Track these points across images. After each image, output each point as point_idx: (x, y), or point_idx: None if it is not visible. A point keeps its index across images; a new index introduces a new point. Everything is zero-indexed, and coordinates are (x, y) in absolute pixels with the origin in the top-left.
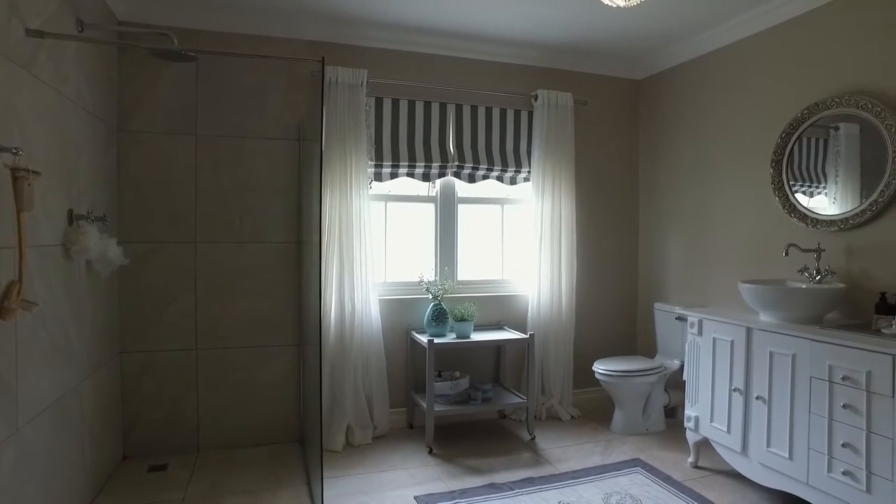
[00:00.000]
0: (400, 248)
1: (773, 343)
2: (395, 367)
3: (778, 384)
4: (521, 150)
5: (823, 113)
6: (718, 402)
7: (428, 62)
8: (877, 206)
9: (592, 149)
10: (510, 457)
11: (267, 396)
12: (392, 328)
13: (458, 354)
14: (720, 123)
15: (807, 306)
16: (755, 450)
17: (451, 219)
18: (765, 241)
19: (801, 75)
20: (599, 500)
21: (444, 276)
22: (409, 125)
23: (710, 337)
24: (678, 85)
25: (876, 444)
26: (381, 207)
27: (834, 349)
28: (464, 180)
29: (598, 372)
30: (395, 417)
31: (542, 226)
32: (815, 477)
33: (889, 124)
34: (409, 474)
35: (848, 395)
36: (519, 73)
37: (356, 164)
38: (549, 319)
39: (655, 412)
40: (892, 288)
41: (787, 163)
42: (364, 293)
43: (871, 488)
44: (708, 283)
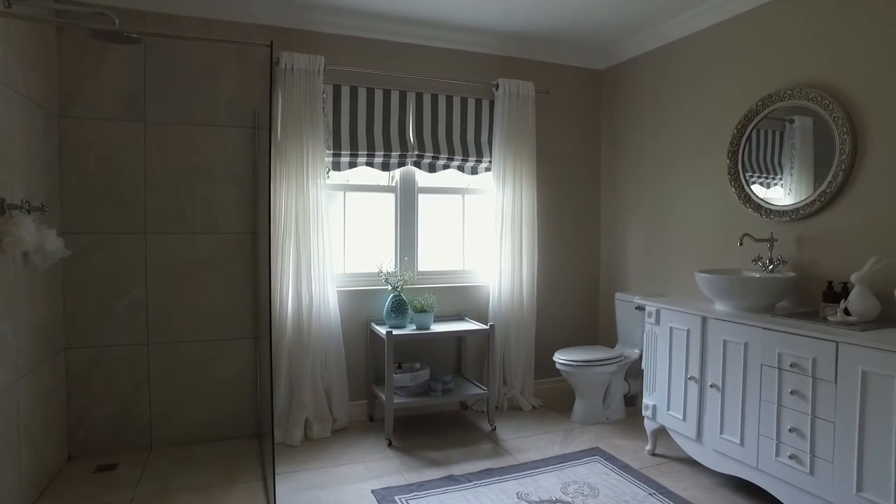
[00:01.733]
0: (359, 239)
1: (727, 332)
2: (355, 359)
3: (731, 372)
4: (482, 140)
5: (777, 105)
6: (675, 390)
7: (387, 49)
8: (825, 197)
9: (554, 139)
10: (470, 448)
11: (223, 391)
12: (351, 320)
13: (419, 346)
14: (680, 114)
15: (759, 295)
16: (709, 437)
17: (411, 209)
18: (721, 231)
19: (757, 67)
20: (558, 489)
21: (403, 266)
22: (368, 113)
23: (667, 326)
24: (639, 75)
25: (819, 428)
26: (339, 197)
27: (783, 337)
28: (424, 170)
29: (559, 362)
30: (355, 410)
31: (503, 216)
32: (764, 461)
33: (837, 117)
34: (368, 468)
35: (795, 381)
36: (480, 62)
37: (313, 153)
38: (511, 310)
39: (615, 401)
40: (838, 276)
41: (743, 154)
42: (322, 284)
43: (814, 470)
44: (667, 272)
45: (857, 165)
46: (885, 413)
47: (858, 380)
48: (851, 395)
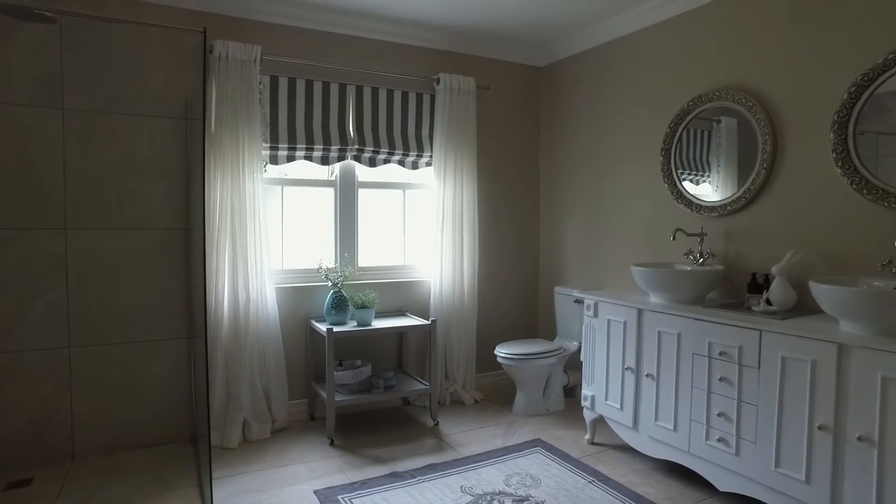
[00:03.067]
0: (298, 235)
1: (662, 323)
2: (295, 357)
3: (665, 362)
4: (423, 135)
5: (706, 105)
6: (612, 380)
7: (327, 41)
8: (749, 194)
9: (494, 134)
10: (413, 444)
11: (154, 394)
12: (290, 317)
13: (360, 342)
14: (616, 112)
15: (691, 288)
16: (645, 424)
17: (352, 204)
18: (656, 225)
19: (689, 68)
20: (501, 481)
21: (344, 262)
22: (307, 106)
23: (604, 319)
24: (577, 73)
25: (744, 412)
26: (277, 192)
27: (713, 327)
28: (364, 164)
29: (500, 356)
30: (296, 409)
31: (444, 211)
32: (695, 445)
33: (759, 118)
34: (309, 468)
35: (723, 368)
36: (421, 56)
37: (249, 146)
38: (452, 305)
39: (555, 393)
40: (761, 269)
41: (675, 152)
42: (259, 281)
43: (739, 451)
44: (605, 266)
45: (777, 164)
46: (800, 395)
47: (779, 365)
48: (772, 379)
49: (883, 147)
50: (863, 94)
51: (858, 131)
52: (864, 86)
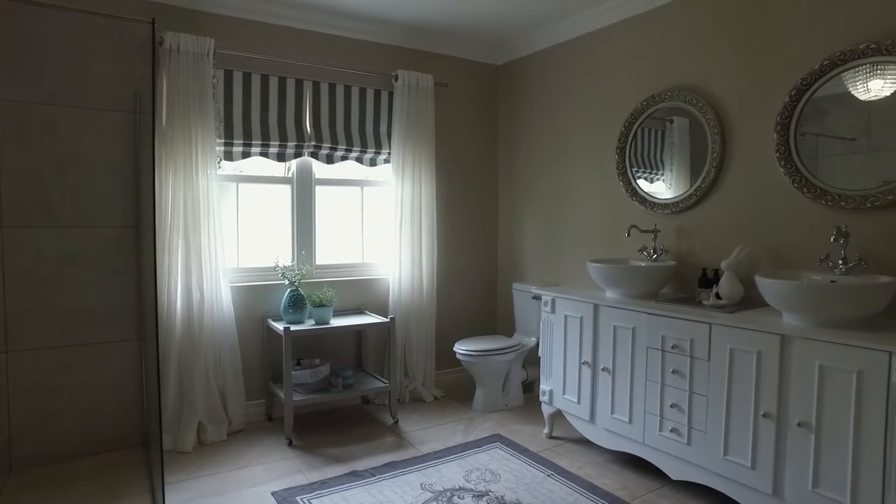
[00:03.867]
0: (254, 232)
1: (617, 318)
2: (251, 357)
3: (620, 356)
4: (381, 131)
5: (659, 105)
6: (570, 375)
7: (283, 35)
8: (700, 192)
9: (453, 132)
10: (373, 442)
11: (103, 399)
12: (246, 316)
13: (318, 341)
14: (573, 111)
15: (645, 283)
16: (601, 417)
17: (309, 201)
18: (611, 222)
19: (643, 68)
20: (461, 477)
21: (301, 260)
22: (263, 101)
23: (562, 314)
24: (535, 72)
25: (696, 403)
26: (232, 189)
27: (666, 321)
28: (321, 161)
29: (459, 352)
30: (253, 410)
31: (403, 208)
32: (649, 436)
33: (709, 118)
34: (267, 469)
35: (676, 361)
36: (379, 52)
37: (203, 142)
38: (411, 302)
39: (514, 388)
40: (710, 264)
41: (630, 150)
42: (214, 280)
43: (690, 441)
44: (562, 262)
45: (725, 163)
46: (746, 385)
47: (727, 356)
48: (721, 370)
49: (822, 148)
50: (802, 98)
51: (800, 133)
52: (804, 89)
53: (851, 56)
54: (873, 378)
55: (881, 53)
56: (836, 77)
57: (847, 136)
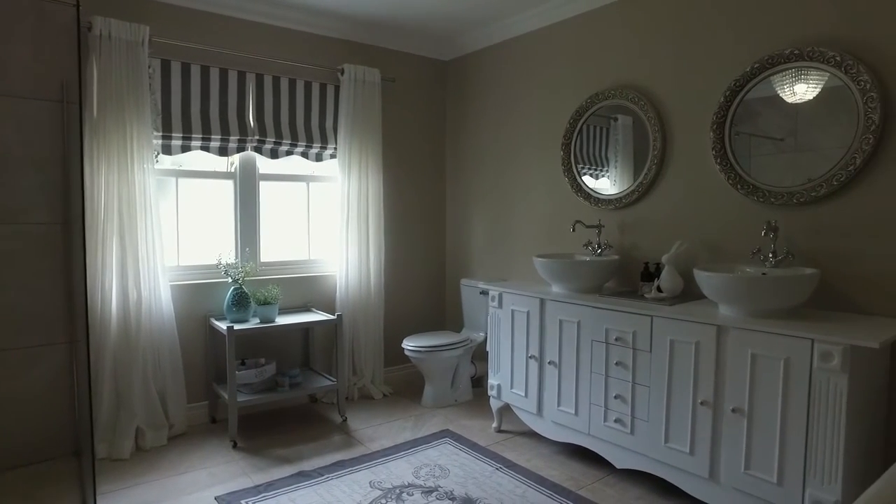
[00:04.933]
0: (195, 229)
1: (562, 312)
2: (193, 357)
3: (566, 349)
4: (327, 126)
5: (602, 103)
6: (517, 369)
7: (224, 25)
8: (642, 188)
9: (400, 127)
10: (321, 441)
11: (29, 407)
12: (188, 316)
13: (263, 340)
14: (520, 107)
15: (589, 277)
16: (548, 410)
17: (253, 197)
18: (557, 218)
19: (588, 66)
20: (410, 474)
21: (245, 257)
22: (203, 93)
23: (509, 309)
24: (482, 68)
25: (638, 393)
26: (171, 184)
27: (609, 314)
28: (266, 156)
29: (407, 349)
30: (195, 413)
31: (349, 204)
32: (594, 427)
33: (650, 116)
34: (210, 473)
35: (619, 353)
36: (325, 45)
37: (138, 134)
38: (358, 299)
39: (463, 383)
40: (652, 258)
41: (575, 147)
42: (152, 279)
43: (634, 430)
44: (509, 258)
45: (666, 160)
46: (685, 374)
47: (667, 347)
48: (662, 361)
49: (755, 148)
50: (735, 99)
51: (735, 132)
52: (737, 90)
53: (778, 60)
54: (798, 364)
55: (803, 59)
56: (765, 80)
57: (776, 136)
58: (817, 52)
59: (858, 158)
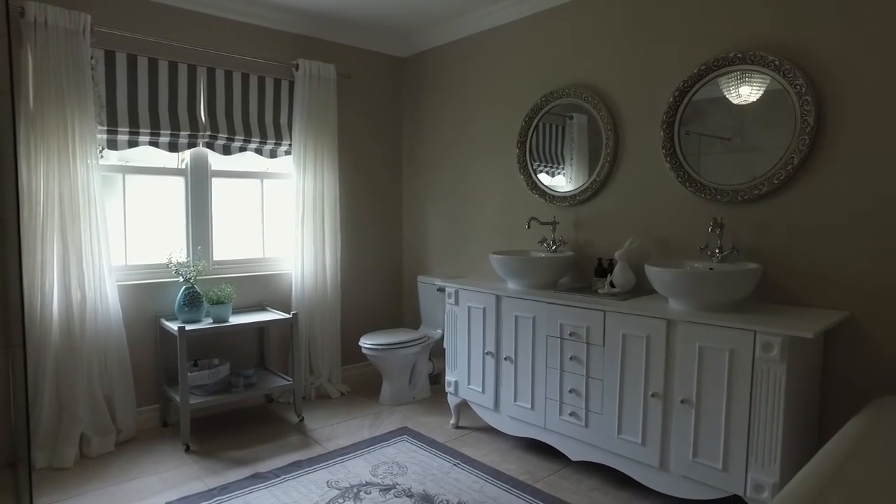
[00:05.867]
0: (144, 227)
1: (518, 308)
2: (142, 360)
3: (522, 344)
4: (282, 122)
5: (557, 101)
6: (474, 365)
7: (173, 16)
8: (595, 185)
9: (356, 124)
10: (277, 442)
11: None
12: (136, 317)
13: (217, 340)
14: (477, 104)
15: (544, 273)
16: (505, 405)
17: (205, 194)
18: (513, 215)
19: (543, 65)
20: (367, 472)
21: (197, 256)
22: (151, 87)
23: (465, 306)
24: (440, 65)
25: (592, 387)
26: (118, 180)
27: (564, 309)
28: (218, 152)
29: (364, 347)
30: (146, 416)
31: (304, 201)
32: (550, 421)
33: (603, 115)
34: (161, 479)
35: (574, 348)
36: (279, 40)
37: (80, 128)
38: (315, 297)
39: (421, 381)
40: (605, 254)
41: (531, 145)
42: (97, 279)
43: (588, 423)
44: (466, 254)
45: (618, 158)
46: (637, 367)
47: (620, 341)
48: (615, 355)
49: (704, 147)
50: (684, 99)
51: (685, 131)
52: (685, 91)
53: (723, 63)
54: (742, 355)
55: (746, 62)
56: (712, 81)
57: (725, 135)
58: (758, 56)
59: (796, 158)
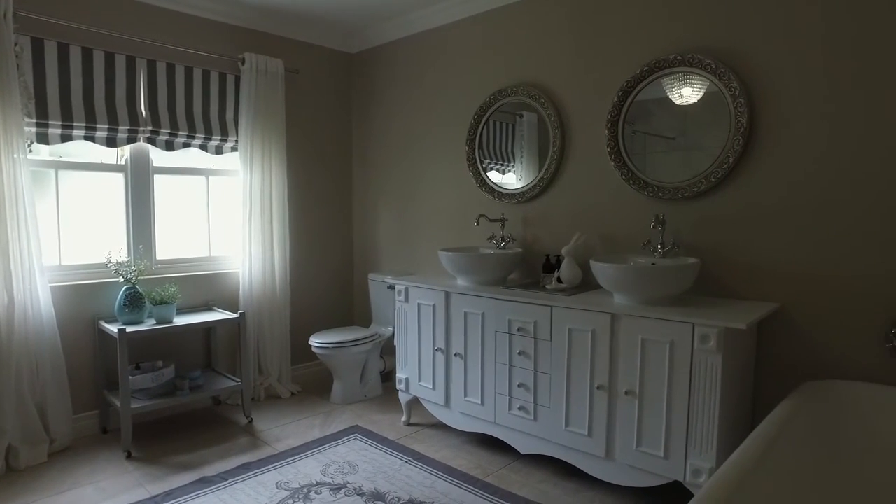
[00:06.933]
0: (80, 225)
1: (467, 304)
2: (80, 364)
3: (472, 341)
4: (228, 117)
5: (505, 99)
6: (425, 362)
7: (108, 4)
8: (543, 183)
9: (305, 120)
10: (225, 445)
11: None
12: (72, 320)
13: (161, 342)
14: (426, 101)
15: (493, 270)
16: (455, 401)
17: (146, 191)
18: (462, 212)
19: (492, 63)
20: (318, 472)
21: (138, 255)
22: (86, 78)
23: (415, 303)
24: (390, 61)
25: (540, 381)
26: (50, 176)
27: (512, 305)
28: (160, 147)
29: (314, 345)
30: (84, 424)
31: (252, 199)
32: (500, 416)
33: (550, 114)
34: (99, 488)
35: (522, 343)
36: (225, 33)
37: (5, 120)
38: (263, 296)
39: (372, 379)
40: (553, 250)
41: (480, 142)
42: (28, 280)
43: (536, 417)
44: (416, 252)
45: (565, 156)
46: (583, 361)
47: (566, 336)
48: (562, 349)
49: (650, 146)
50: (627, 99)
51: (631, 130)
52: (629, 91)
53: (664, 64)
54: (681, 347)
55: (685, 64)
56: (655, 82)
57: (669, 135)
58: (696, 58)
59: (731, 157)
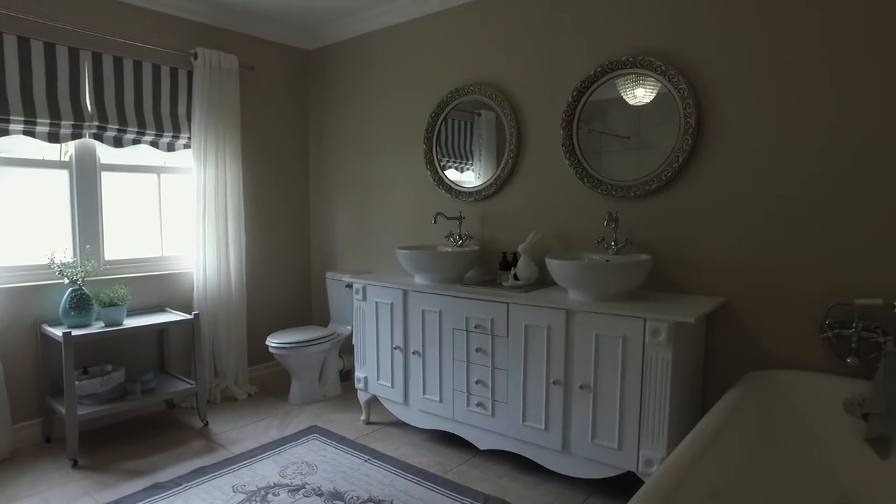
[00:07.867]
0: (19, 225)
1: (425, 302)
2: (21, 370)
3: (429, 338)
4: (180, 114)
5: (462, 98)
6: (383, 360)
7: None
8: (500, 181)
9: (261, 117)
10: (179, 449)
11: None
12: (12, 323)
13: (110, 345)
14: (384, 100)
15: (451, 268)
16: (414, 398)
17: (93, 189)
18: (420, 210)
19: (448, 62)
20: (276, 474)
21: (85, 256)
22: (23, 69)
23: (373, 301)
24: (347, 59)
25: (497, 377)
26: None
27: (469, 303)
28: (108, 144)
29: (271, 346)
30: (25, 433)
31: (206, 197)
32: (458, 412)
33: (507, 113)
34: (43, 499)
35: (479, 340)
36: (176, 27)
37: None
38: (218, 296)
39: (331, 378)
40: (510, 248)
41: (437, 140)
42: None
43: (494, 412)
44: (374, 250)
45: (521, 155)
46: (539, 357)
47: (523, 332)
48: (518, 346)
49: (605, 144)
50: (582, 98)
51: (588, 130)
52: (583, 91)
53: (616, 65)
54: (633, 341)
55: (637, 66)
56: (609, 82)
57: (624, 134)
58: (647, 60)
59: (680, 157)
